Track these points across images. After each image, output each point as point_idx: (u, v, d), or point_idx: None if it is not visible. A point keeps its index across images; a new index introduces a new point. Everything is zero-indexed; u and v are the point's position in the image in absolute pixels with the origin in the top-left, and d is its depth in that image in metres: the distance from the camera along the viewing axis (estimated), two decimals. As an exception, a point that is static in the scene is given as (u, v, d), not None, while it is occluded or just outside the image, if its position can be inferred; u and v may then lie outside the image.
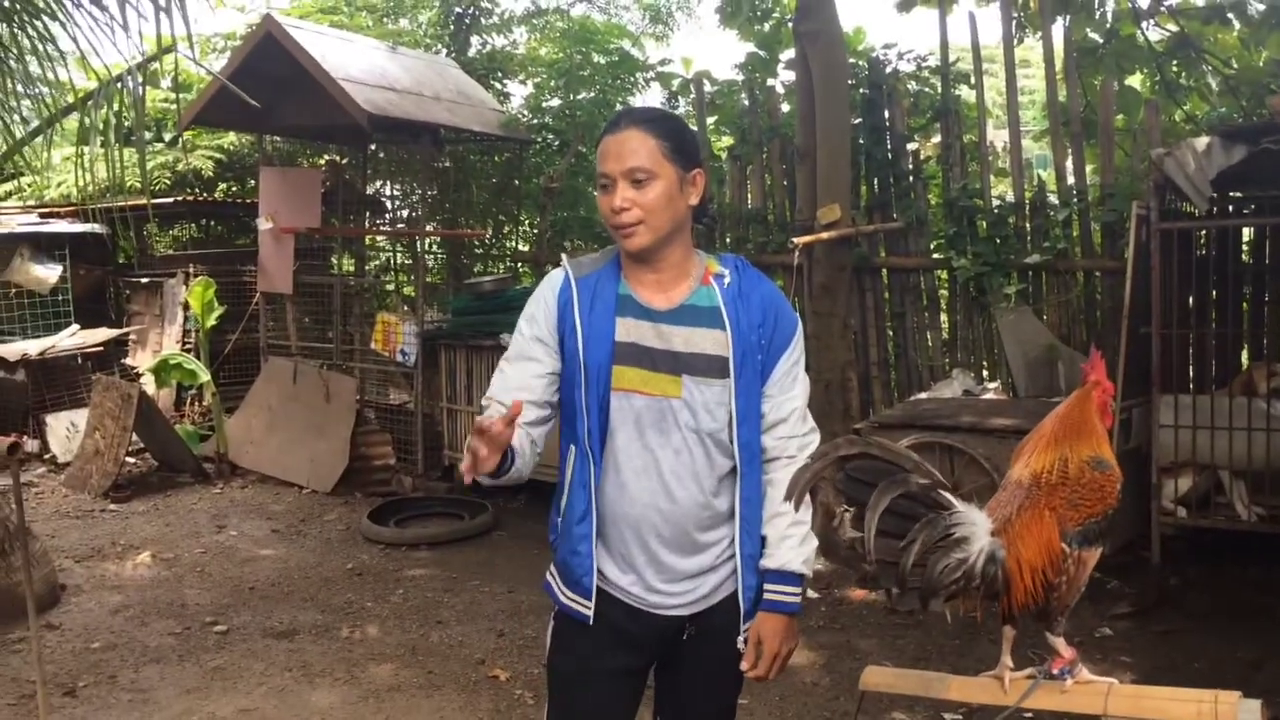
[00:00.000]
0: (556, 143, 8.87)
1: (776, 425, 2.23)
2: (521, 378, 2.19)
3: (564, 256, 2.29)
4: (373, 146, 8.99)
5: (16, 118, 5.15)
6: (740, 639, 2.22)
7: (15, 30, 4.45)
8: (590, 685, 2.24)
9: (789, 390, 2.24)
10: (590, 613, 2.18)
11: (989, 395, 6.34)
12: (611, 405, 2.15)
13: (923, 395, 6.59)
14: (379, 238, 9.69)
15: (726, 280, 2.23)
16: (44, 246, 8.90)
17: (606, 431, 2.16)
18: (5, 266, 8.77)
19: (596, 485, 2.16)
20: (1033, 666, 2.06)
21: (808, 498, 2.11)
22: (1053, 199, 6.65)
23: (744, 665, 2.20)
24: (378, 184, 9.72)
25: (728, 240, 7.55)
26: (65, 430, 8.20)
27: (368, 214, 9.38)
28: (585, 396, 2.15)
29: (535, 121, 9.00)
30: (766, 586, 2.21)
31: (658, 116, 2.24)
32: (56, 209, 9.38)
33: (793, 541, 2.21)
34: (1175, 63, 7.70)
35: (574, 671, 2.24)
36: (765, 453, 2.23)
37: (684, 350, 2.16)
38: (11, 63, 4.53)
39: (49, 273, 8.79)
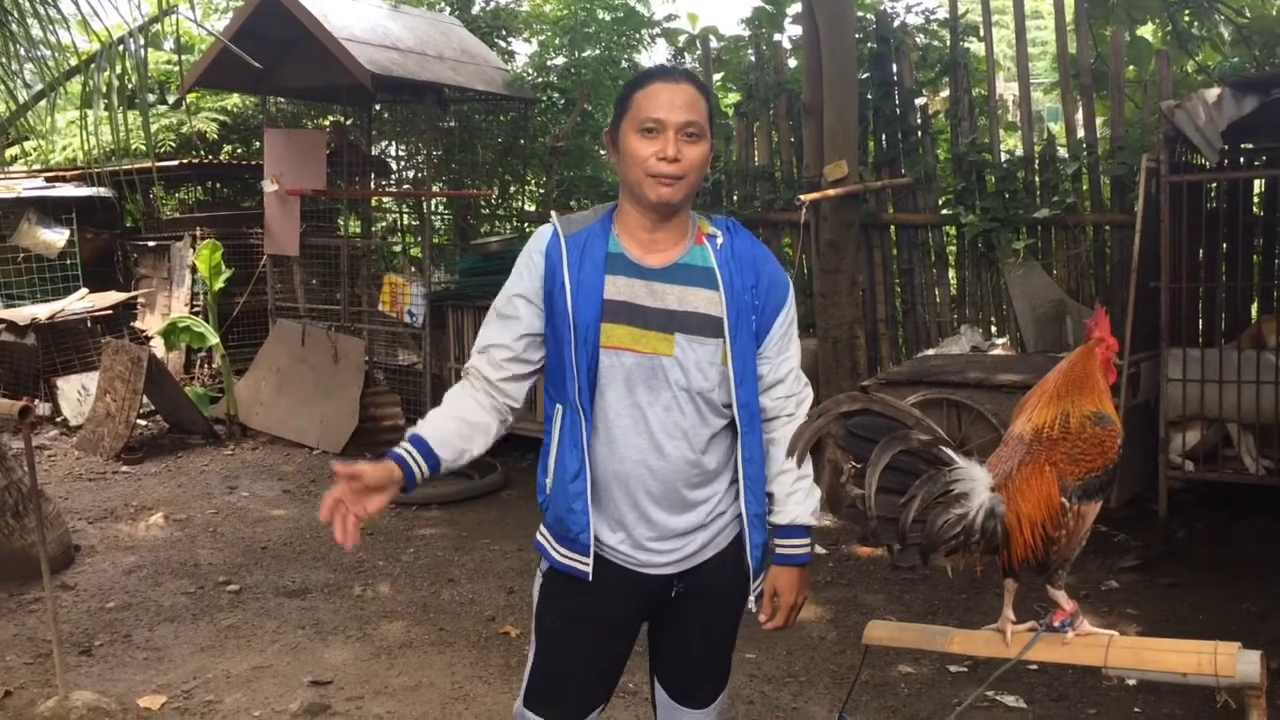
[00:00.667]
0: (562, 101, 8.80)
1: (775, 385, 2.25)
2: (503, 336, 2.22)
3: (553, 213, 2.28)
4: (377, 107, 8.95)
5: (20, 82, 5.13)
6: (751, 597, 2.25)
7: (16, -7, 4.43)
8: (580, 642, 2.25)
9: (785, 351, 2.26)
10: (589, 569, 2.18)
11: (996, 351, 6.33)
12: (601, 363, 2.14)
13: (930, 352, 6.59)
14: (385, 199, 9.66)
15: (719, 241, 2.23)
16: (51, 210, 8.91)
17: (595, 389, 2.15)
18: (13, 231, 8.78)
19: (588, 443, 2.16)
20: (1035, 620, 2.08)
21: (809, 454, 2.13)
22: (1062, 153, 6.60)
23: (762, 618, 2.24)
24: (382, 145, 9.66)
25: (735, 198, 7.52)
26: (76, 393, 8.25)
27: (373, 175, 9.35)
28: (575, 354, 2.14)
29: (540, 80, 8.93)
30: (778, 542, 2.25)
31: (701, 80, 2.27)
32: (62, 173, 9.38)
33: (799, 496, 2.25)
34: (1187, 12, 7.61)
35: (564, 628, 2.25)
36: (765, 412, 2.24)
37: (678, 308, 2.15)
38: (13, 26, 4.52)
39: (57, 236, 8.80)
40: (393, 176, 9.70)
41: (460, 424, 2.20)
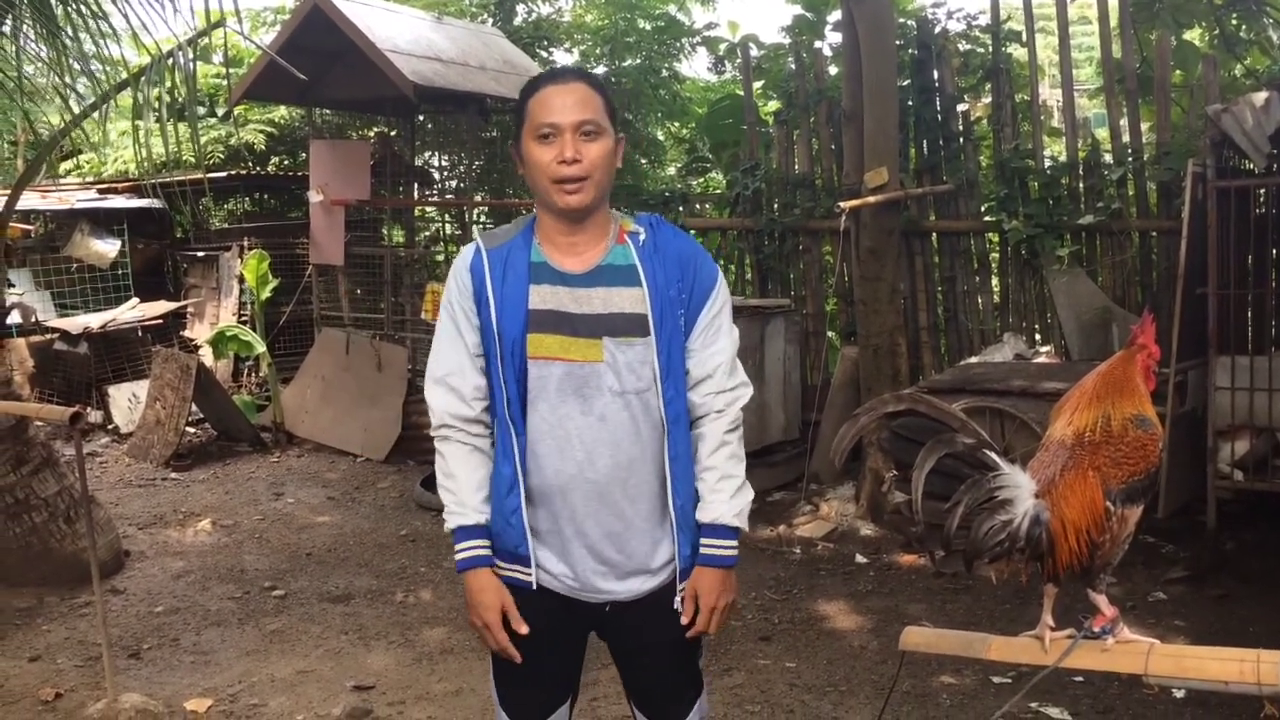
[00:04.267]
0: (603, 110, 8.85)
1: (702, 381, 2.19)
2: (458, 360, 2.20)
3: (475, 230, 2.27)
4: (420, 117, 9.04)
5: (74, 94, 5.24)
6: (677, 599, 2.19)
7: (69, 9, 4.53)
8: (532, 651, 2.21)
9: (712, 344, 2.19)
10: (532, 579, 2.17)
11: (1041, 359, 6.27)
12: (530, 374, 2.12)
13: (973, 360, 6.53)
14: (428, 208, 9.75)
15: (642, 238, 2.18)
16: (103, 222, 9.09)
17: (526, 402, 2.13)
18: (66, 242, 8.97)
19: (521, 456, 2.14)
20: (1076, 628, 2.06)
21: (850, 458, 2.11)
22: (1107, 158, 6.52)
23: (684, 620, 2.18)
24: (425, 155, 9.77)
25: (775, 206, 7.50)
26: (127, 401, 8.40)
27: (416, 185, 9.45)
28: (502, 368, 2.12)
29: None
30: (702, 541, 2.18)
31: (595, 75, 2.26)
32: (114, 184, 9.56)
33: (723, 495, 2.17)
34: (1235, 15, 7.50)
35: (516, 640, 2.21)
36: (693, 409, 2.20)
37: (603, 311, 2.12)
38: (67, 41, 4.62)
39: (109, 247, 8.98)
40: (435, 186, 9.79)
41: (487, 485, 2.20)
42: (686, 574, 2.20)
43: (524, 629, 2.16)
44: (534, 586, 2.17)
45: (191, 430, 8.12)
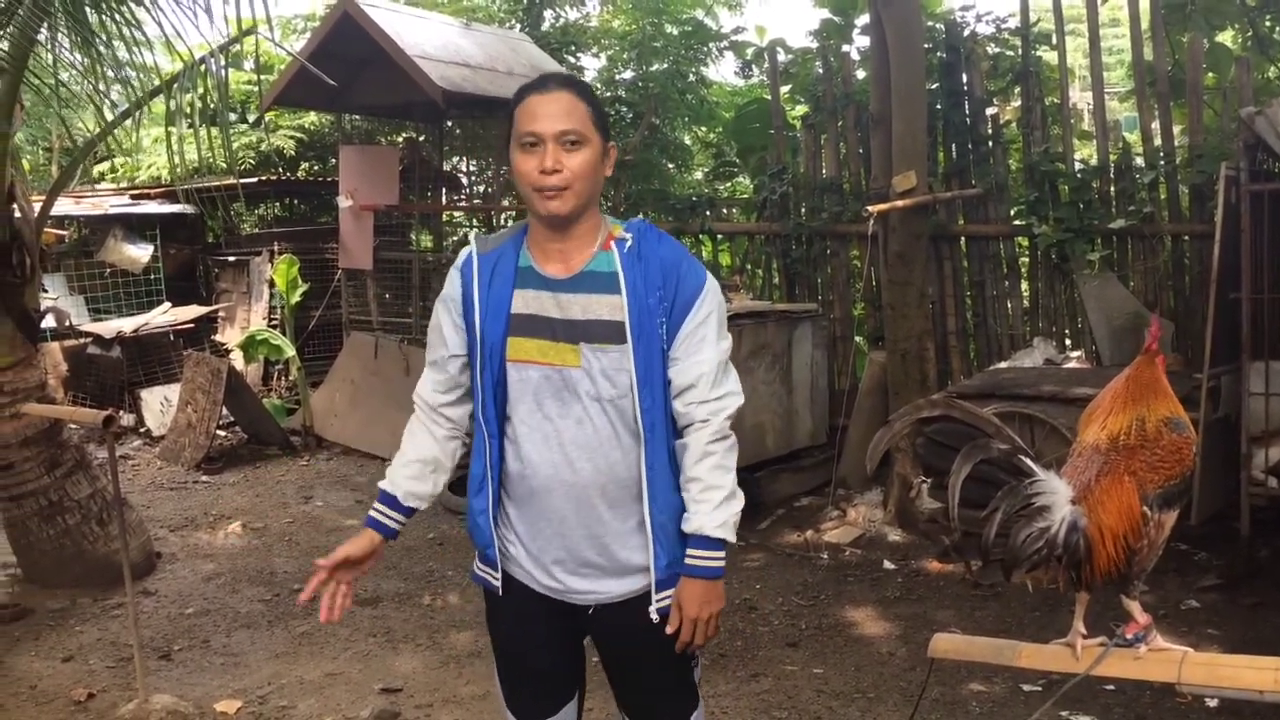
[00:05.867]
0: (630, 115, 8.86)
1: (685, 390, 2.15)
2: (436, 360, 2.29)
3: (471, 234, 2.29)
4: (448, 123, 9.09)
5: (107, 101, 5.31)
6: (653, 609, 2.17)
7: (104, 17, 4.59)
8: (526, 651, 2.27)
9: (696, 353, 2.14)
10: (498, 583, 2.23)
11: (1071, 364, 6.22)
12: (510, 377, 2.15)
13: (1002, 364, 6.49)
14: (456, 213, 9.80)
15: (628, 244, 2.17)
16: (136, 227, 9.20)
17: (504, 405, 2.17)
18: (100, 247, 9.08)
19: (494, 459, 2.18)
20: (1108, 636, 2.04)
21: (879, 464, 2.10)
22: (1138, 161, 6.47)
23: (669, 629, 2.15)
24: (454, 160, 9.82)
25: (802, 210, 7.49)
26: (159, 404, 8.48)
27: (444, 190, 9.49)
28: (480, 371, 2.17)
29: (609, 94, 9.00)
30: (687, 552, 2.15)
31: (584, 83, 2.26)
32: (147, 190, 9.67)
33: (707, 506, 2.14)
34: (1268, 17, 7.42)
35: (508, 639, 2.27)
36: (678, 418, 2.17)
37: (581, 317, 2.13)
38: (100, 48, 4.67)
39: (141, 252, 9.08)
40: (463, 191, 9.84)
41: (419, 467, 2.29)
42: (663, 585, 2.17)
43: (322, 563, 2.23)
44: (499, 593, 2.24)
45: (222, 433, 8.19)
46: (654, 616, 2.17)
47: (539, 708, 2.31)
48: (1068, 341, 6.71)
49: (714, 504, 2.14)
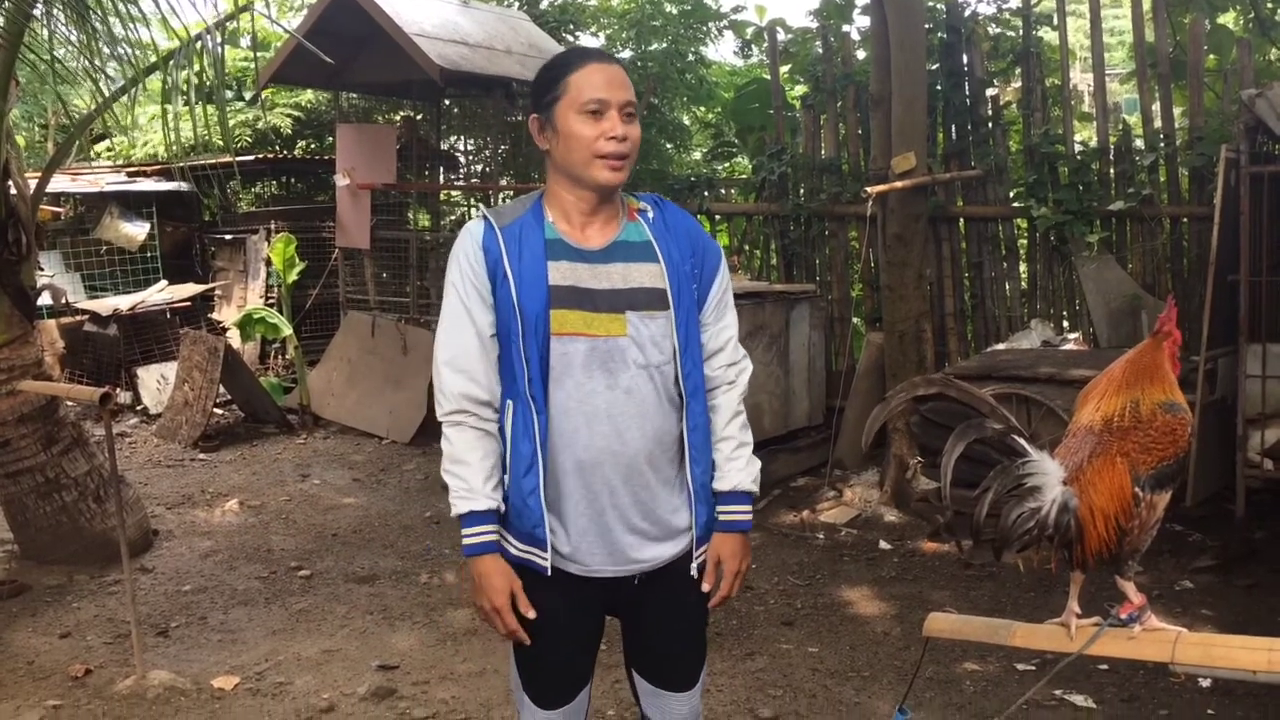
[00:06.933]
0: (628, 95, 8.82)
1: (715, 354, 2.25)
2: (469, 342, 2.15)
3: (481, 207, 2.26)
4: (446, 101, 9.05)
5: (103, 78, 5.28)
6: (694, 565, 2.22)
7: (99, -8, 4.56)
8: (551, 635, 2.21)
9: (722, 318, 2.26)
10: (547, 563, 2.14)
11: (1069, 346, 6.22)
12: (553, 351, 2.10)
13: (1000, 346, 6.49)
14: (453, 192, 9.77)
15: (650, 215, 2.22)
16: (132, 205, 9.17)
17: (548, 380, 2.11)
18: (96, 224, 9.05)
19: (542, 436, 2.11)
20: (1102, 616, 2.04)
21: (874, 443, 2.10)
22: (1138, 143, 6.45)
23: (705, 586, 2.22)
24: (451, 139, 9.78)
25: (801, 191, 7.47)
26: (156, 382, 8.48)
27: (442, 169, 9.46)
28: (524, 346, 2.10)
29: (607, 74, 8.95)
30: (720, 509, 2.23)
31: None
32: (144, 168, 9.64)
33: (740, 463, 2.24)
34: (1271, -1, 7.40)
35: (535, 624, 2.19)
36: (707, 382, 2.24)
37: (624, 286, 2.13)
38: (96, 24, 4.65)
39: (138, 230, 9.06)
40: (461, 170, 9.80)
41: (496, 472, 2.17)
42: (702, 541, 2.23)
43: (532, 614, 2.16)
44: (548, 572, 2.16)
45: (219, 411, 8.19)
46: (694, 572, 2.23)
47: (561, 694, 2.28)
48: (1065, 323, 6.71)
49: (746, 460, 2.26)
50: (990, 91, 7.02)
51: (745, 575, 2.28)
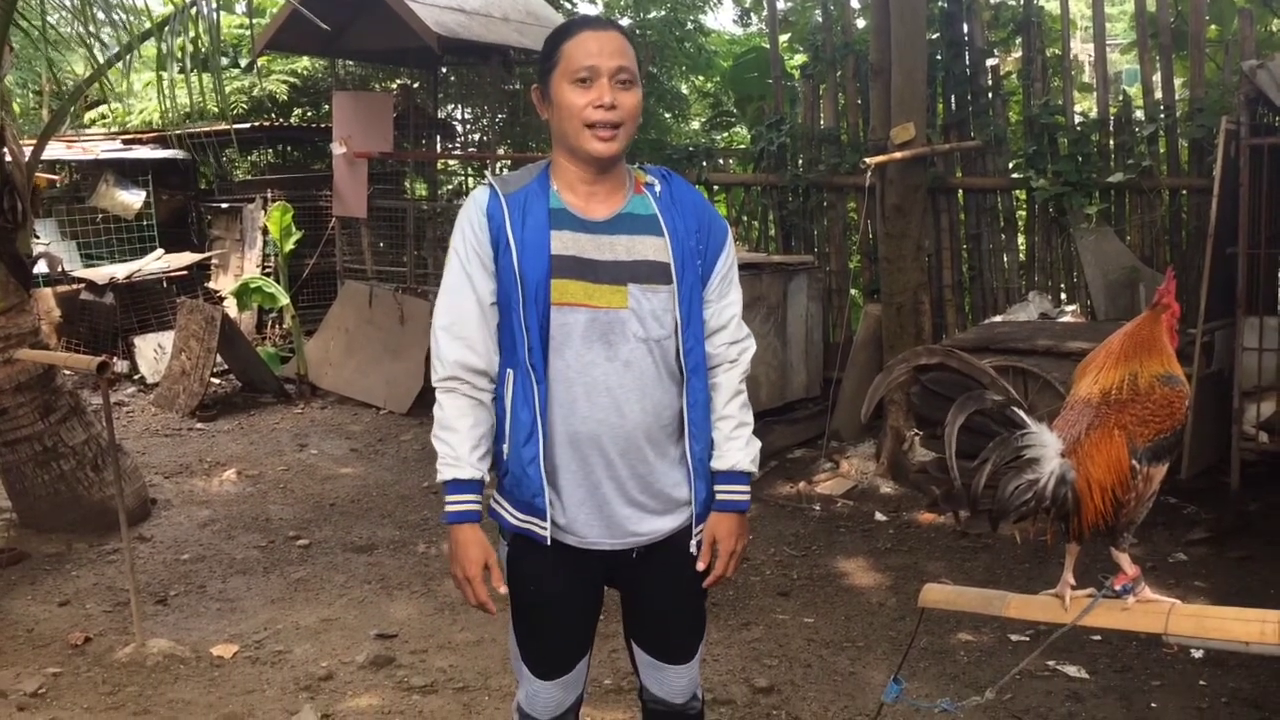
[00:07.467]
0: (627, 63, 8.77)
1: (718, 331, 2.23)
2: (469, 308, 2.14)
3: (488, 174, 2.25)
4: (443, 69, 8.99)
5: (97, 44, 5.24)
6: (693, 542, 2.22)
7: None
8: (552, 606, 2.22)
9: (726, 295, 2.24)
10: (547, 533, 2.15)
11: (1066, 318, 6.23)
12: (553, 321, 2.09)
13: (998, 318, 6.50)
14: (450, 161, 9.73)
15: (658, 189, 2.20)
16: (128, 172, 9.13)
17: (548, 349, 2.10)
18: (92, 192, 9.01)
19: (542, 405, 2.10)
20: (1097, 587, 2.06)
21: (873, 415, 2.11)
22: (1139, 114, 6.43)
23: (700, 565, 2.21)
24: (448, 108, 9.73)
25: (799, 161, 7.44)
26: (153, 352, 8.47)
27: (439, 138, 9.42)
28: (524, 314, 2.09)
29: (605, 42, 8.89)
30: (718, 488, 2.22)
31: (626, 29, 2.26)
32: (139, 135, 9.58)
33: (739, 443, 2.23)
34: (1274, -31, 7.34)
35: (534, 594, 2.21)
36: (709, 359, 2.23)
37: (627, 258, 2.12)
38: (90, -12, 4.61)
39: (134, 198, 9.02)
40: (458, 139, 9.76)
41: (484, 442, 2.16)
42: (701, 518, 2.23)
43: (504, 589, 2.19)
44: (548, 541, 2.16)
45: (216, 381, 8.19)
46: (693, 549, 2.23)
47: (559, 664, 2.29)
48: (1063, 296, 6.71)
49: (745, 440, 2.24)
50: (990, 61, 6.98)
51: (742, 555, 2.26)
